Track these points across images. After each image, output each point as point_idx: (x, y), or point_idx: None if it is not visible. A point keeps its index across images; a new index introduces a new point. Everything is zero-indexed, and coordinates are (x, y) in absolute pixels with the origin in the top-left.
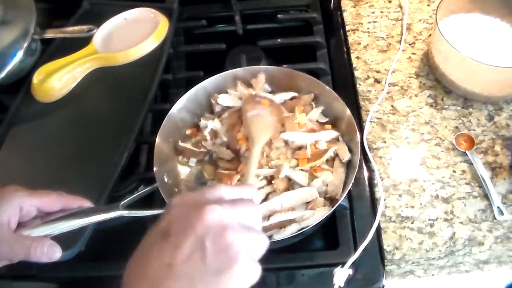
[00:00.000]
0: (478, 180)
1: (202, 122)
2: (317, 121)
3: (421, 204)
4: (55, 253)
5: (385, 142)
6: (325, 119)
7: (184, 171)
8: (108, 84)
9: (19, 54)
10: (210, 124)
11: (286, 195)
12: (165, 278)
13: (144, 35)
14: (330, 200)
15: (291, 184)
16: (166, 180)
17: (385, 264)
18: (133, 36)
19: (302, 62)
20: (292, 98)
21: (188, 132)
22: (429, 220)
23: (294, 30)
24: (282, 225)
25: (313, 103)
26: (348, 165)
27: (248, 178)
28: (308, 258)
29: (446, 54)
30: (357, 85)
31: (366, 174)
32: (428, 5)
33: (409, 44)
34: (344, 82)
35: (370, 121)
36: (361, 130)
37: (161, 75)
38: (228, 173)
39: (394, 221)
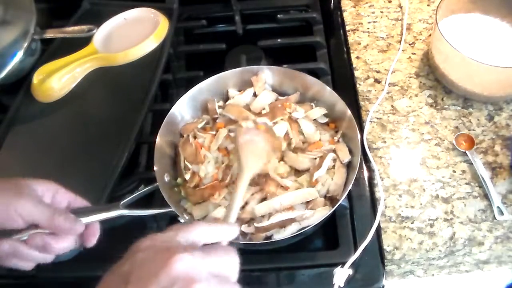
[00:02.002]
0: (478, 180)
1: (198, 134)
2: (316, 121)
3: (421, 204)
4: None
5: (385, 142)
6: (325, 120)
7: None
8: (108, 84)
9: (19, 54)
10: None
11: (286, 195)
12: None
13: (144, 35)
14: (330, 200)
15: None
16: (166, 179)
17: (385, 264)
18: (133, 36)
19: (302, 62)
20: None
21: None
22: (429, 220)
23: (294, 30)
24: (282, 224)
25: (312, 104)
26: (349, 165)
27: (231, 214)
28: (308, 258)
29: (446, 54)
30: (357, 85)
31: (366, 174)
32: (428, 5)
33: (409, 44)
34: (344, 82)
35: (370, 121)
36: (361, 130)
37: (161, 75)
38: (213, 184)
39: (394, 221)
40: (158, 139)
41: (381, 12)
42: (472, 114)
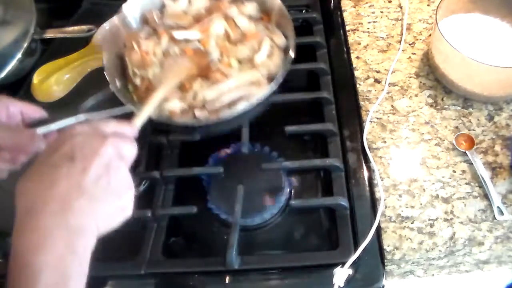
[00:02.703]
0: (478, 180)
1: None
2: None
3: (421, 204)
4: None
5: (385, 142)
6: (259, 15)
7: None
8: (108, 84)
9: (19, 54)
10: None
11: (232, 79)
12: (76, 197)
13: None
14: (272, 81)
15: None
16: (118, 85)
17: (385, 264)
18: None
19: (302, 62)
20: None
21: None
22: (429, 220)
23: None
24: (232, 104)
25: (243, 0)
26: (286, 50)
27: (138, 119)
28: (308, 258)
29: (446, 54)
30: (357, 85)
31: (366, 174)
32: (428, 5)
33: (409, 44)
34: (344, 82)
35: (370, 121)
36: (361, 130)
37: None
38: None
39: (394, 221)
40: (105, 54)
41: (381, 12)
42: (472, 114)
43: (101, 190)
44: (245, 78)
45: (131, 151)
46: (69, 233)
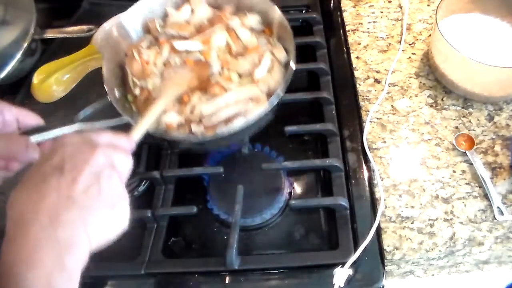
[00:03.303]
0: (478, 180)
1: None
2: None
3: (421, 204)
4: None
5: (385, 142)
6: (261, 28)
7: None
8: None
9: (19, 55)
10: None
11: (230, 93)
12: (65, 209)
13: None
14: (271, 96)
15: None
16: (117, 95)
17: (385, 264)
18: None
19: (302, 62)
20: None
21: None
22: (429, 220)
23: (294, 30)
24: (229, 120)
25: (246, 12)
26: (286, 65)
27: (135, 132)
28: (308, 258)
29: (446, 54)
30: (357, 85)
31: (366, 174)
32: (428, 5)
33: (409, 44)
34: (344, 82)
35: (370, 121)
36: (361, 130)
37: None
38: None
39: (394, 221)
40: (104, 63)
41: (381, 12)
42: (472, 114)
43: (92, 200)
44: (244, 93)
45: (125, 163)
46: (59, 247)
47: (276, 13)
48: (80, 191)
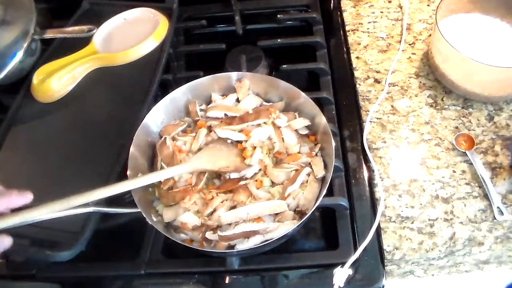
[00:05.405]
0: (478, 180)
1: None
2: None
3: (421, 204)
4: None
5: (385, 142)
6: (306, 131)
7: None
8: (108, 84)
9: (19, 54)
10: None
11: (254, 205)
12: None
13: (144, 35)
14: (300, 213)
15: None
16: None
17: (385, 264)
18: (133, 36)
19: (302, 62)
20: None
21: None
22: (429, 220)
23: (294, 30)
24: (246, 235)
25: (296, 114)
26: (322, 179)
27: (128, 183)
28: (308, 258)
29: (446, 54)
30: (357, 85)
31: (366, 174)
32: (428, 5)
33: (409, 44)
34: (344, 82)
35: (370, 121)
36: (361, 130)
37: (161, 75)
38: (185, 188)
39: (394, 221)
40: (132, 148)
41: (381, 12)
42: (472, 114)
43: None
44: (269, 207)
45: None
46: None
47: (323, 120)
48: None
